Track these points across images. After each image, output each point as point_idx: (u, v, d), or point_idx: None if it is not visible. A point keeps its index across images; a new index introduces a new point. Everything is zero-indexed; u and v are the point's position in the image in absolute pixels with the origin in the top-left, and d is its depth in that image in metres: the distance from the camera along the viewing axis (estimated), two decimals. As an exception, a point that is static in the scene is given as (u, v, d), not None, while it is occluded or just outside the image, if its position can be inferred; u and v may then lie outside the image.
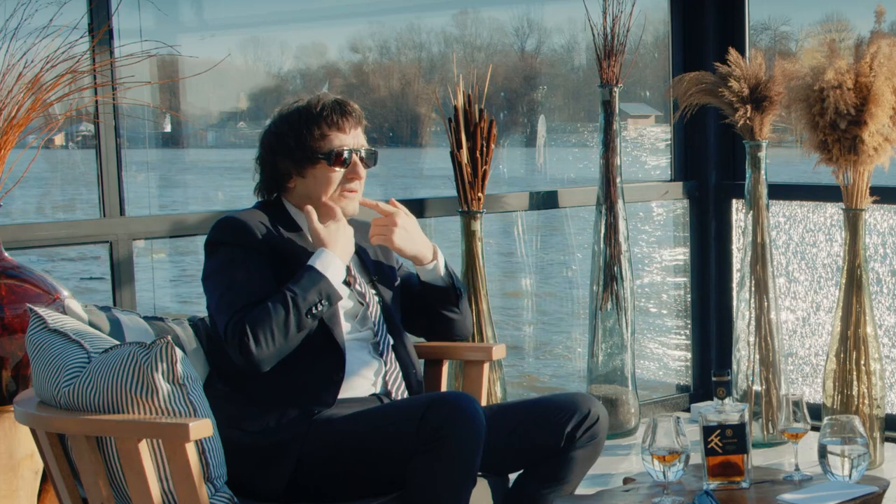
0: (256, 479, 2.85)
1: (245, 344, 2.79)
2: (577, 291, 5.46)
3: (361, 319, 3.06)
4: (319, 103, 3.04)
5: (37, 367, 2.74)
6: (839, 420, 2.90)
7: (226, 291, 2.89)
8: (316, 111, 3.03)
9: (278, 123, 3.06)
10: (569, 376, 5.64)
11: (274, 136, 3.06)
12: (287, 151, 3.03)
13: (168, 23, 4.35)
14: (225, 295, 2.88)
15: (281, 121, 3.06)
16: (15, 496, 3.16)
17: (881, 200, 4.52)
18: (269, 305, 2.82)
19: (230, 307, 2.85)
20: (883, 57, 4.22)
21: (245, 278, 2.89)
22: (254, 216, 3.01)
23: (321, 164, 3.02)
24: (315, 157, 3.02)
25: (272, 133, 3.06)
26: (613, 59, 4.74)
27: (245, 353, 2.80)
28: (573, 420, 3.00)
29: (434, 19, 5.74)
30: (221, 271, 2.92)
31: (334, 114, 3.03)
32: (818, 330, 5.09)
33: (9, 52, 3.15)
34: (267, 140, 3.08)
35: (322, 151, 3.01)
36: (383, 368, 3.05)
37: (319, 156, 3.02)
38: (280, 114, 3.09)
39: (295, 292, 2.84)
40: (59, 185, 5.84)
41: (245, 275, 2.90)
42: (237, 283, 2.88)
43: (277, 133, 3.05)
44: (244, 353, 2.80)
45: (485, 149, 4.47)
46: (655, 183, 5.37)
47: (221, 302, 2.89)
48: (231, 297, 2.87)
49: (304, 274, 2.88)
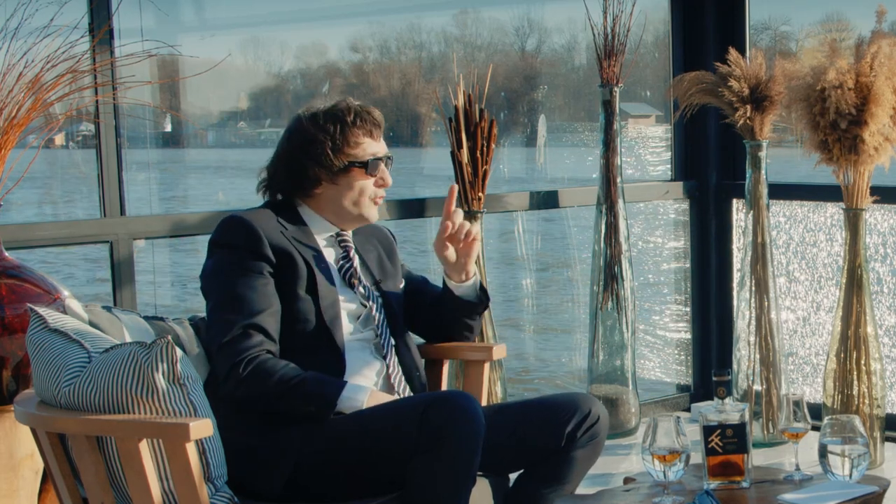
0: (256, 479, 2.85)
1: (236, 377, 2.83)
2: (578, 291, 5.46)
3: (364, 320, 3.06)
4: (351, 110, 3.04)
5: (37, 366, 2.74)
6: (839, 420, 2.89)
7: (222, 299, 2.89)
8: (350, 118, 3.03)
9: (309, 126, 3.04)
10: (569, 376, 5.64)
11: (307, 141, 3.03)
12: (320, 157, 3.02)
13: (168, 23, 4.35)
14: (222, 304, 2.89)
15: (313, 124, 3.04)
16: (15, 496, 3.15)
17: (881, 200, 4.52)
18: (283, 372, 2.84)
19: (226, 321, 2.86)
20: (883, 57, 4.22)
21: (245, 288, 2.89)
22: (262, 217, 3.00)
23: (355, 172, 3.03)
24: (351, 165, 3.02)
25: (305, 138, 3.03)
26: (614, 59, 4.74)
27: (231, 382, 2.84)
28: (573, 420, 3.00)
29: (434, 19, 5.74)
30: (222, 276, 2.93)
31: (367, 123, 3.05)
32: (818, 330, 5.08)
33: (9, 51, 3.15)
34: (297, 143, 3.04)
35: (359, 160, 3.03)
36: (385, 369, 3.05)
37: (357, 164, 3.02)
38: (309, 116, 3.06)
39: (311, 383, 2.85)
40: (59, 184, 5.83)
41: (245, 283, 2.90)
42: (236, 293, 2.88)
43: (312, 138, 3.02)
44: (230, 381, 2.84)
45: (485, 149, 4.47)
46: (655, 183, 5.37)
47: (216, 311, 2.90)
48: (228, 307, 2.88)
49: (333, 384, 2.88)
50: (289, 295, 2.94)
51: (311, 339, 2.94)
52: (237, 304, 2.87)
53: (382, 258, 3.19)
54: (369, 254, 3.17)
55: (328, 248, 3.09)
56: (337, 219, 3.09)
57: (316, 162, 3.02)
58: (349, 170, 3.03)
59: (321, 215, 3.08)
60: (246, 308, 2.87)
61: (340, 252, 3.10)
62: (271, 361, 2.86)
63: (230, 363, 2.84)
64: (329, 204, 3.06)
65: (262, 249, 2.92)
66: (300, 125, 3.06)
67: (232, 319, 2.86)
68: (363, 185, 3.05)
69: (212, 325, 2.92)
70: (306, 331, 2.95)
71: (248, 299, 2.88)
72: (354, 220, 3.10)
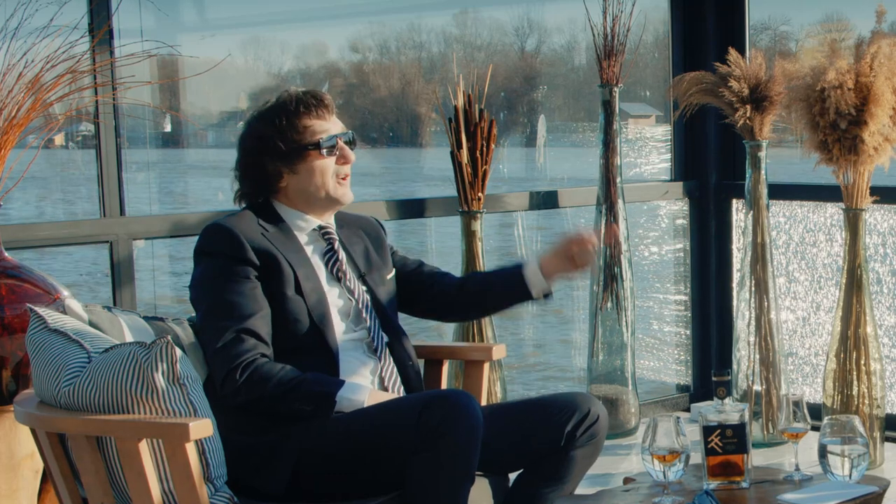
0: (256, 479, 2.85)
1: (233, 383, 2.83)
2: (577, 291, 5.46)
3: (355, 318, 3.06)
4: (292, 98, 3.04)
5: (37, 366, 2.74)
6: (839, 420, 2.90)
7: (212, 306, 2.90)
8: (293, 106, 3.03)
9: (256, 125, 3.05)
10: (569, 376, 5.64)
11: (256, 139, 3.03)
12: (273, 151, 3.01)
13: (168, 23, 4.35)
14: (213, 311, 2.90)
15: (259, 122, 3.04)
16: (15, 496, 3.16)
17: (881, 200, 4.52)
18: (280, 375, 2.84)
19: (218, 327, 2.87)
20: (883, 57, 4.22)
21: (233, 293, 2.89)
22: (243, 221, 3.00)
23: (311, 155, 3.02)
24: (304, 149, 3.01)
25: (253, 137, 3.04)
26: (613, 59, 4.74)
27: (229, 388, 2.84)
28: (573, 419, 2.99)
29: (434, 19, 5.74)
30: (209, 283, 2.93)
31: (311, 105, 3.04)
32: (818, 330, 5.08)
33: (9, 52, 3.15)
34: (249, 144, 3.05)
35: (310, 142, 3.02)
36: (379, 367, 3.05)
37: (308, 147, 3.02)
38: (255, 116, 3.07)
39: (310, 383, 2.86)
40: (58, 184, 5.83)
41: (233, 289, 2.90)
42: (225, 299, 2.89)
43: (259, 135, 3.03)
44: (227, 387, 2.84)
45: (485, 149, 4.47)
46: (655, 183, 5.37)
47: (207, 318, 2.91)
48: (219, 313, 2.88)
49: (332, 384, 2.89)
50: (277, 296, 2.94)
51: (303, 339, 2.94)
52: (227, 310, 2.88)
53: (369, 249, 3.18)
54: (355, 246, 3.16)
55: (311, 243, 3.08)
56: (310, 208, 3.07)
57: (271, 156, 3.02)
58: (304, 154, 3.02)
59: (296, 209, 3.07)
60: (236, 313, 2.88)
61: (325, 246, 3.09)
62: (267, 365, 2.86)
63: (226, 369, 2.84)
64: (298, 194, 3.06)
65: (245, 254, 2.92)
66: (249, 127, 3.07)
67: (224, 325, 2.87)
68: (322, 165, 3.03)
69: (204, 332, 2.93)
70: (298, 332, 2.95)
71: (238, 304, 2.88)
72: (326, 204, 3.07)
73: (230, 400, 2.86)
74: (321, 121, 3.04)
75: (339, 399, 2.85)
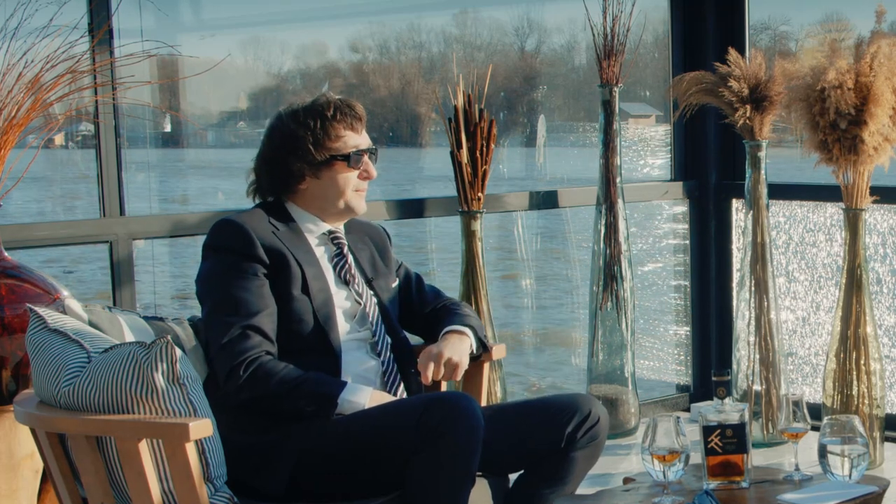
0: (256, 479, 2.85)
1: (236, 379, 2.84)
2: (577, 291, 5.46)
3: (360, 319, 3.07)
4: (330, 104, 3.04)
5: (37, 366, 2.74)
6: (839, 420, 2.90)
7: (219, 302, 2.90)
8: (330, 112, 3.03)
9: (290, 123, 3.04)
10: (569, 376, 5.64)
11: (287, 136, 3.03)
12: (303, 152, 3.02)
13: (168, 23, 4.35)
14: (219, 306, 2.90)
15: (293, 120, 3.04)
16: (15, 496, 3.16)
17: (881, 200, 4.52)
18: (283, 373, 2.85)
19: (224, 323, 2.87)
20: (883, 57, 4.22)
21: (240, 290, 2.89)
22: (254, 218, 3.00)
23: (338, 165, 3.03)
24: (334, 158, 3.02)
25: (285, 133, 3.04)
26: (613, 59, 4.74)
27: (232, 384, 2.84)
28: (573, 421, 2.99)
29: (434, 19, 5.74)
30: (217, 279, 2.93)
31: (347, 115, 3.05)
32: (818, 330, 5.08)
33: (9, 51, 3.15)
34: (278, 140, 3.05)
35: (341, 153, 3.03)
36: (381, 368, 3.05)
37: (339, 157, 3.03)
38: (289, 113, 3.06)
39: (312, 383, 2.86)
40: (58, 184, 5.83)
41: (241, 285, 2.90)
42: (232, 295, 2.89)
43: (291, 133, 3.03)
44: (230, 383, 2.85)
45: (485, 149, 4.46)
46: (655, 183, 5.37)
47: (213, 313, 2.91)
48: (225, 309, 2.88)
49: (334, 384, 2.89)
50: (284, 295, 2.94)
51: (307, 339, 2.94)
52: (234, 306, 2.88)
53: (375, 257, 3.19)
54: (362, 252, 3.17)
55: (321, 246, 3.09)
56: (324, 213, 3.08)
57: (298, 157, 3.03)
58: (332, 163, 3.03)
59: (308, 211, 3.08)
60: (243, 309, 2.88)
61: (334, 249, 3.10)
62: (271, 363, 2.86)
63: (230, 365, 2.85)
64: (315, 199, 3.06)
65: (255, 251, 2.93)
66: (280, 123, 3.07)
67: (230, 321, 2.87)
68: (346, 177, 3.05)
69: (210, 327, 2.92)
70: (303, 331, 2.95)
71: (245, 301, 2.89)
72: (341, 213, 3.10)
73: (232, 396, 2.86)
74: (354, 132, 3.06)
75: (340, 401, 2.86)
